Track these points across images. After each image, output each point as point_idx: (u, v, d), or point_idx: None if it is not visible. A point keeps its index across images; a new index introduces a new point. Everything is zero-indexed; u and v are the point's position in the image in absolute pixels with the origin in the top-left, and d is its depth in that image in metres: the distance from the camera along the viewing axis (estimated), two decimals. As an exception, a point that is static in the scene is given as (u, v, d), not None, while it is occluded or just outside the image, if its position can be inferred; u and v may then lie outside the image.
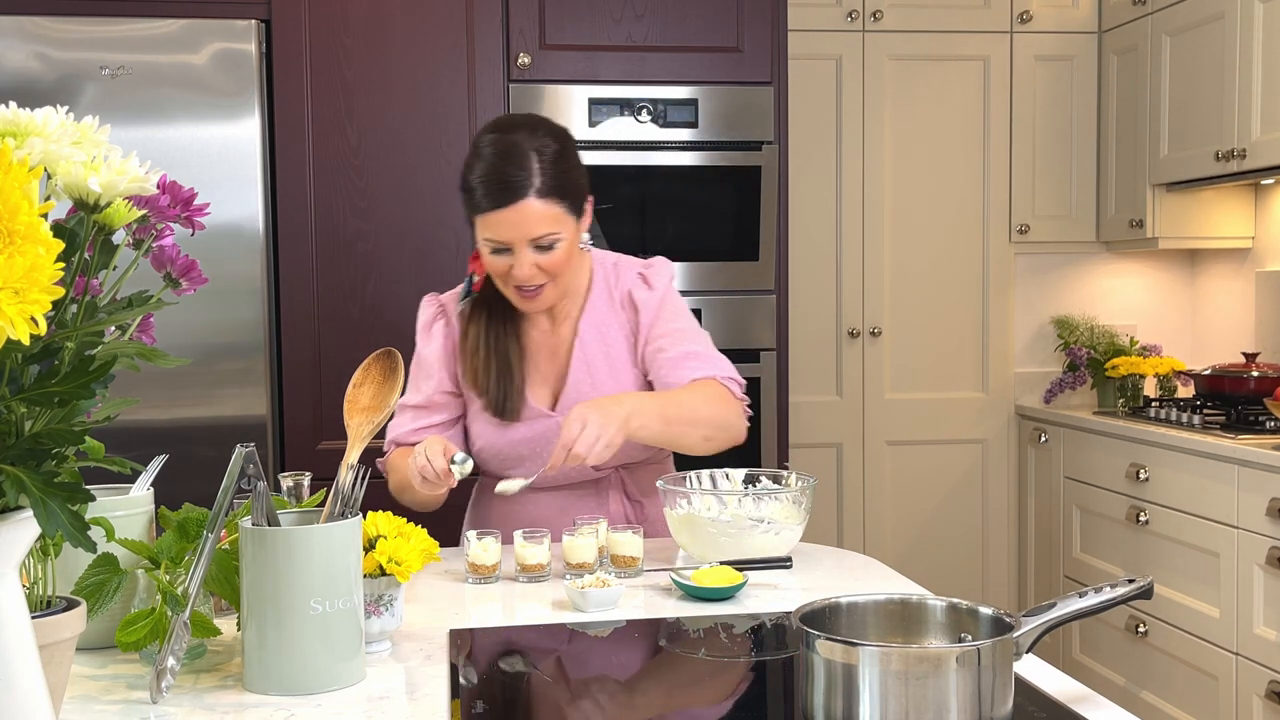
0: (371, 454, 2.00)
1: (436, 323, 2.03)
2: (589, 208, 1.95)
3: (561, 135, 1.92)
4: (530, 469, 1.93)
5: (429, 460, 1.77)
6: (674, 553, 1.89)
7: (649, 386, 2.00)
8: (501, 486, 1.80)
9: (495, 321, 1.98)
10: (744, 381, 2.00)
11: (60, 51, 2.87)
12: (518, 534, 1.75)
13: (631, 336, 2.01)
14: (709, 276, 3.20)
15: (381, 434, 1.77)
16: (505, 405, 1.96)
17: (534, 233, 1.84)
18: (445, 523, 2.12)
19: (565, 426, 1.75)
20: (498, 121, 1.94)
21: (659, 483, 1.85)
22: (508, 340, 1.98)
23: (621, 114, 3.13)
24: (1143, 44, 3.68)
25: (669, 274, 2.06)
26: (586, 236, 1.97)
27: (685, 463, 1.99)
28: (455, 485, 1.79)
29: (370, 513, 1.47)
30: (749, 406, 1.99)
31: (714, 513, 1.78)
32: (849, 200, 3.90)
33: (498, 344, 1.97)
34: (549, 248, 1.86)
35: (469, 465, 1.78)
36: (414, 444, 1.93)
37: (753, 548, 1.77)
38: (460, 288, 2.06)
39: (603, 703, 1.31)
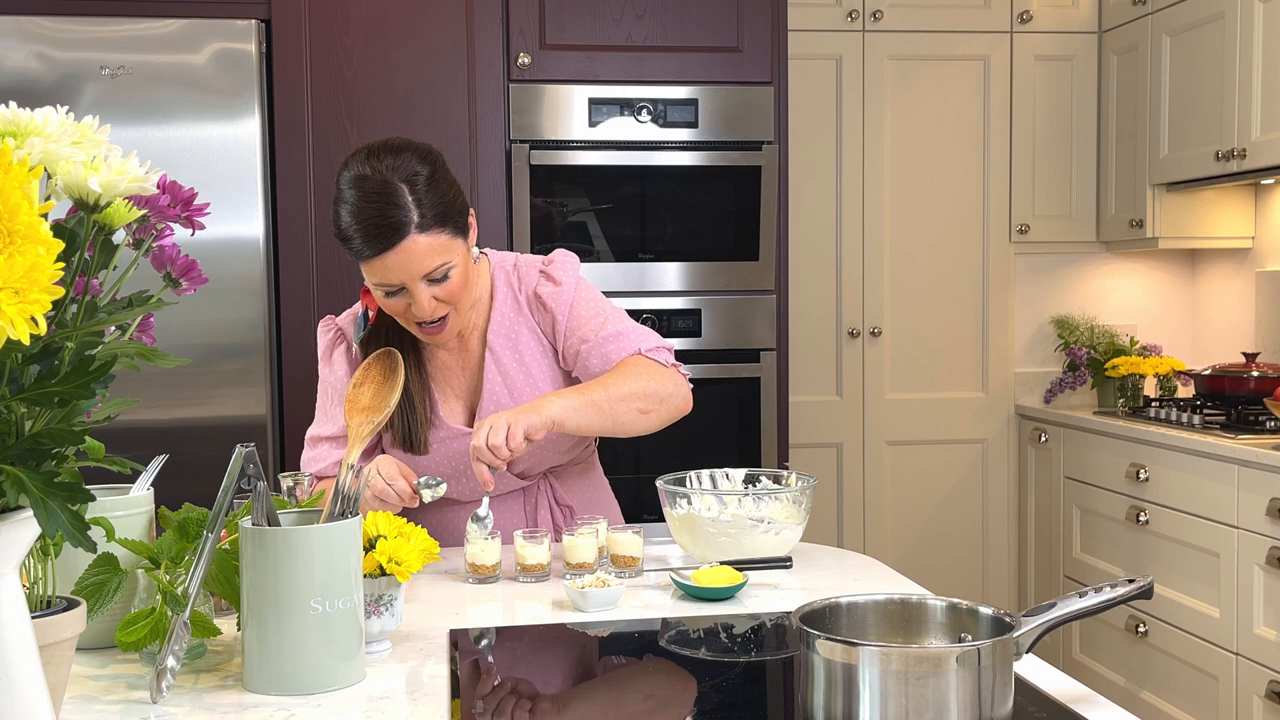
0: (371, 454, 1.99)
1: (337, 348, 1.95)
2: (473, 220, 1.86)
3: (428, 156, 1.79)
4: (461, 489, 1.91)
5: (388, 484, 1.73)
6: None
7: (574, 384, 1.96)
8: (426, 494, 1.76)
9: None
10: (672, 347, 1.97)
11: (60, 51, 2.87)
12: (518, 534, 1.75)
13: (546, 337, 1.95)
14: (709, 276, 3.20)
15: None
16: (412, 439, 1.89)
17: (424, 269, 1.74)
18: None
19: (474, 436, 1.73)
20: (357, 155, 1.77)
21: (659, 482, 1.85)
22: (408, 372, 1.89)
23: (621, 114, 3.13)
24: (1143, 44, 3.68)
25: (574, 265, 1.98)
26: (475, 250, 1.91)
27: (674, 464, 1.97)
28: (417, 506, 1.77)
29: (370, 513, 1.47)
30: (683, 370, 1.95)
31: (714, 513, 1.78)
32: (849, 200, 3.90)
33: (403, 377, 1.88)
34: (443, 278, 1.77)
35: (442, 488, 1.75)
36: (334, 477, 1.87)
37: (753, 548, 1.77)
38: (352, 316, 1.98)
39: (603, 703, 1.31)
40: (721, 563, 1.71)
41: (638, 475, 1.91)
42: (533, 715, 1.30)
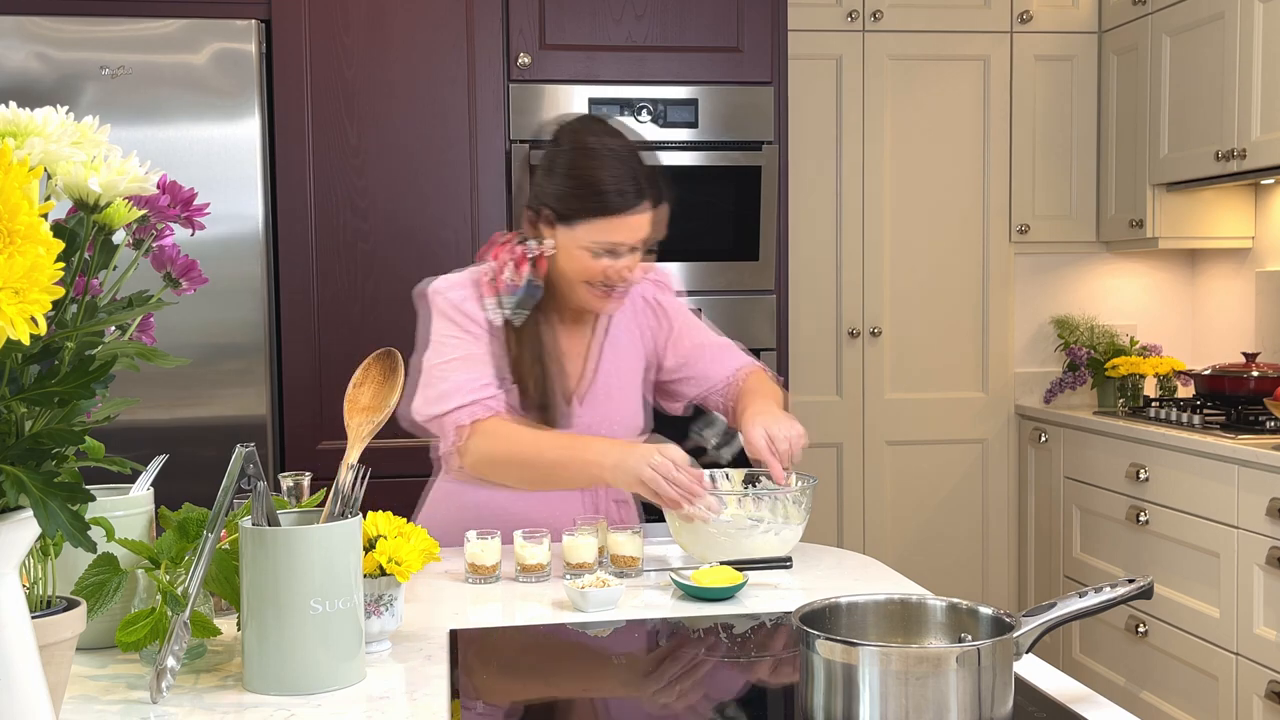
0: (371, 454, 1.99)
1: (469, 304, 1.97)
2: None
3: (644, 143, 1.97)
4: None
5: (669, 458, 1.74)
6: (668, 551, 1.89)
7: (652, 386, 2.09)
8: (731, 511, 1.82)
9: (538, 324, 1.97)
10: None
11: (60, 51, 2.87)
12: (518, 534, 1.75)
13: (649, 338, 2.08)
14: (709, 276, 3.20)
15: (381, 433, 1.77)
16: (548, 408, 1.95)
17: (648, 235, 1.91)
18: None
19: (754, 443, 1.85)
20: (595, 122, 1.95)
21: None
22: (545, 343, 1.97)
23: (621, 114, 3.13)
24: (1143, 44, 3.68)
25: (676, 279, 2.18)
26: None
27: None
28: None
29: (370, 513, 1.47)
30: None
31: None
32: (849, 200, 3.90)
33: (537, 352, 1.96)
34: (647, 251, 1.93)
35: (719, 428, 1.87)
36: (498, 405, 1.88)
37: (752, 548, 1.77)
38: (476, 276, 1.99)
39: (602, 703, 1.31)
40: (721, 563, 1.71)
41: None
42: (532, 716, 1.30)
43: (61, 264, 0.81)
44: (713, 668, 1.41)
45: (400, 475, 2.99)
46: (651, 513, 1.87)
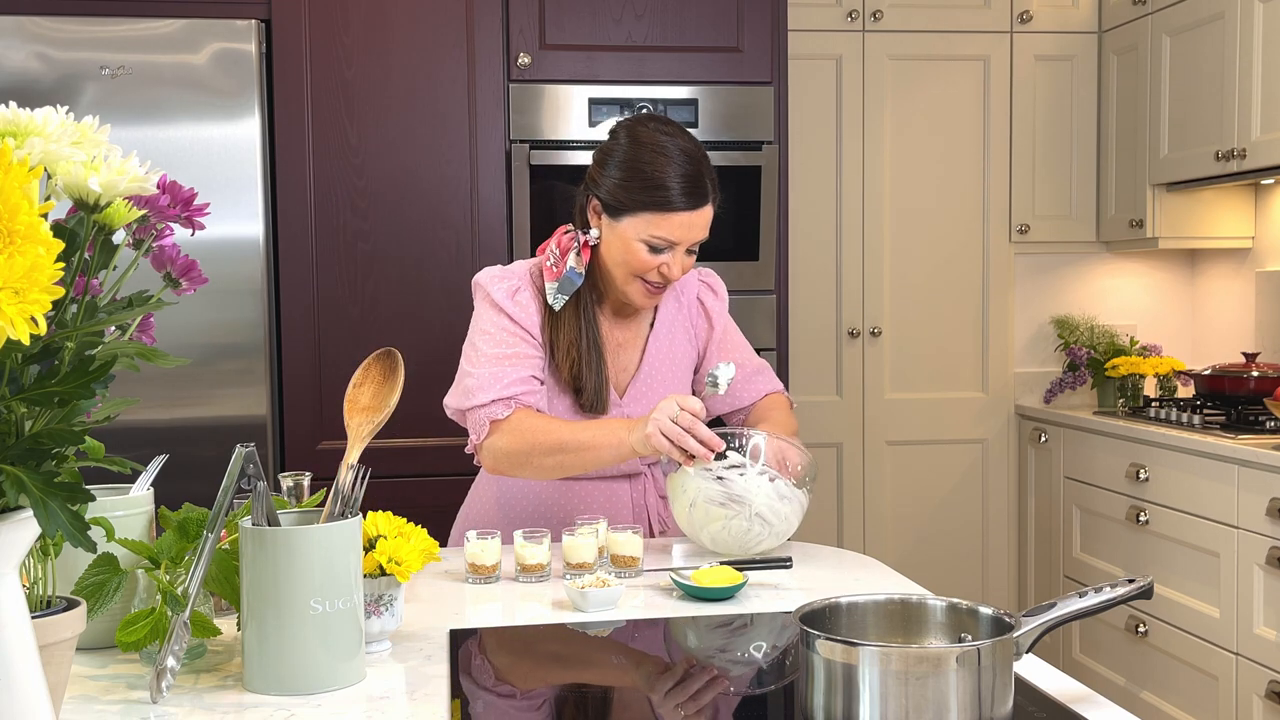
0: (372, 454, 2.00)
1: (523, 293, 1.98)
2: None
3: None
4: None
5: (685, 408, 1.75)
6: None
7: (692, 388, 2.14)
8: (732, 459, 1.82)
9: (588, 315, 1.98)
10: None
11: (60, 51, 2.87)
12: (518, 534, 1.75)
13: (694, 339, 2.12)
14: (709, 276, 3.20)
15: (381, 433, 1.77)
16: (598, 399, 1.97)
17: (701, 235, 1.93)
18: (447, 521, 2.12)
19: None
20: (666, 123, 1.95)
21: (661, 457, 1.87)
22: (598, 334, 1.99)
23: (621, 114, 3.13)
24: (1143, 44, 3.68)
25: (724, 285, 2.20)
26: None
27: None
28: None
29: (370, 513, 1.47)
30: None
31: (705, 475, 1.79)
32: (849, 200, 3.90)
33: (593, 338, 1.98)
34: (694, 251, 1.96)
35: (731, 368, 1.87)
36: (527, 400, 1.89)
37: (745, 489, 1.77)
38: (528, 268, 2.01)
39: (602, 703, 1.31)
40: (721, 563, 1.71)
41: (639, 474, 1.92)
42: (533, 716, 1.30)
43: (61, 264, 0.81)
44: (713, 668, 1.41)
45: (400, 475, 3.00)
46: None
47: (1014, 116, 3.94)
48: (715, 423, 2.07)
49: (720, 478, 1.78)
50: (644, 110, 3.12)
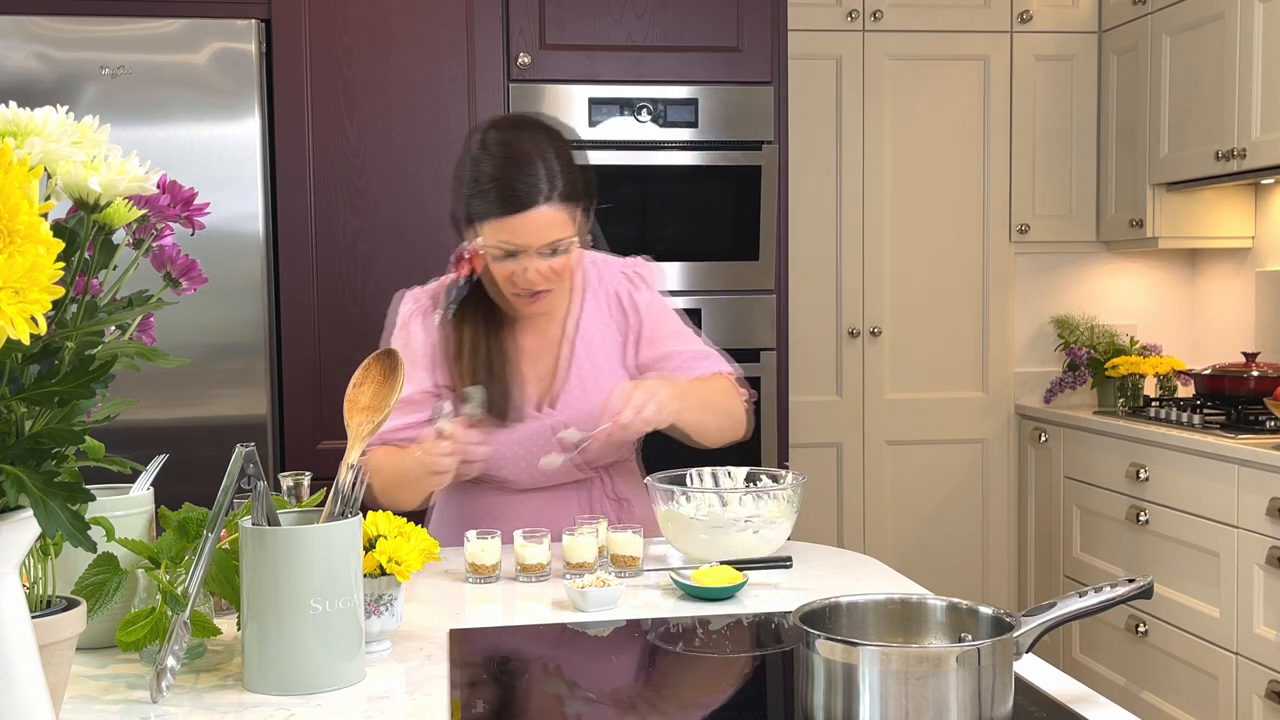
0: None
1: (415, 320, 1.98)
2: (590, 206, 1.94)
3: (565, 136, 1.91)
4: (553, 451, 1.91)
5: (435, 440, 1.74)
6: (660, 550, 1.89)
7: None
8: (546, 461, 1.81)
9: (485, 324, 1.94)
10: (742, 373, 2.05)
11: (60, 51, 2.87)
12: (518, 534, 1.75)
13: (621, 337, 2.02)
14: (709, 276, 3.20)
15: (381, 434, 1.77)
16: (504, 408, 1.93)
17: (548, 238, 1.83)
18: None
19: (611, 401, 1.77)
20: (503, 120, 1.92)
21: (648, 479, 1.86)
22: (500, 343, 1.95)
23: (621, 114, 3.13)
24: (1143, 44, 3.68)
25: (658, 274, 2.09)
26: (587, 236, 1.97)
27: (676, 463, 1.96)
28: (472, 438, 1.78)
29: (370, 513, 1.47)
30: (750, 401, 2.03)
31: (688, 510, 1.79)
32: (849, 200, 3.90)
33: (491, 347, 1.94)
34: (557, 252, 1.85)
35: (478, 395, 1.80)
36: (400, 441, 1.89)
37: (730, 545, 1.77)
38: (436, 287, 2.01)
39: (602, 703, 1.31)
40: (721, 563, 1.71)
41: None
42: (532, 716, 1.30)
43: (61, 264, 0.81)
44: (713, 668, 1.41)
45: (400, 475, 2.99)
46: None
47: (1014, 116, 3.94)
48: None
49: (703, 535, 1.78)
50: (642, 106, 3.12)
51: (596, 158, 3.11)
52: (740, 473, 1.94)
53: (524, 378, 1.98)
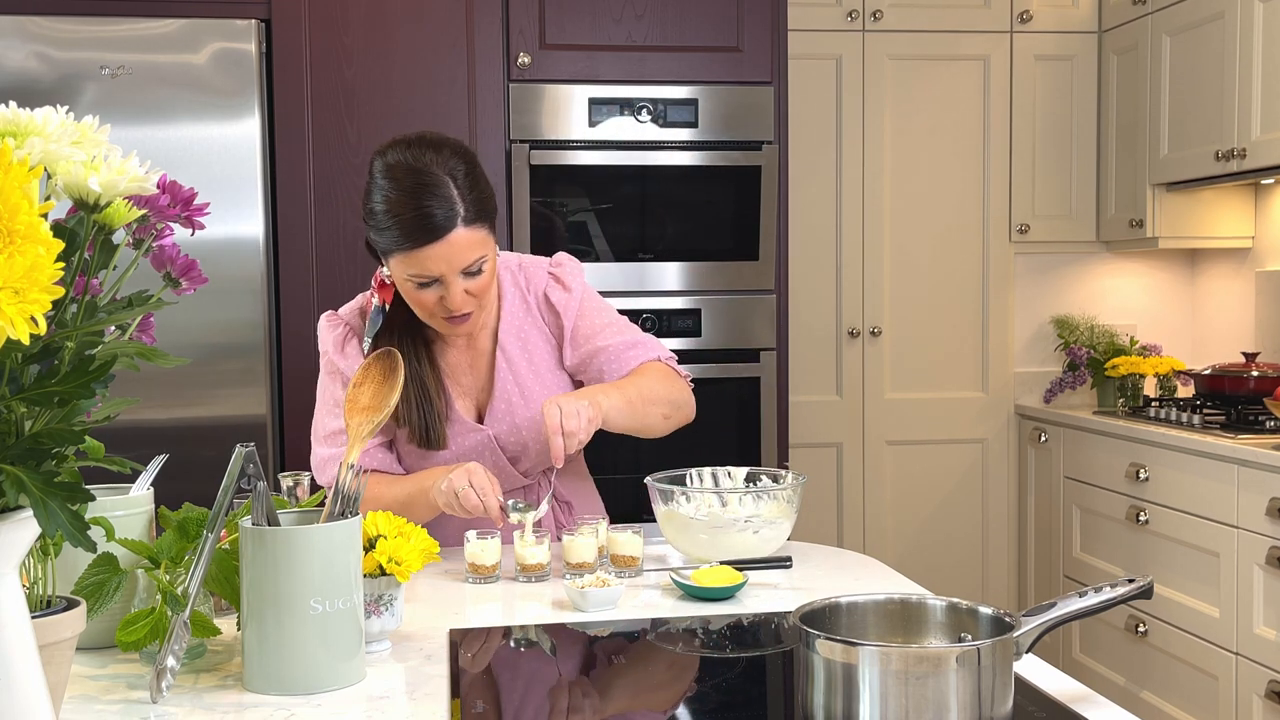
0: (373, 454, 1.99)
1: (350, 342, 1.94)
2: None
3: (465, 152, 1.83)
4: (526, 495, 1.91)
5: (480, 498, 1.72)
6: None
7: (577, 387, 2.00)
8: (515, 517, 1.77)
9: (406, 349, 1.88)
10: (675, 356, 2.05)
11: (60, 51, 2.87)
12: (517, 534, 1.75)
13: (553, 339, 1.99)
14: (709, 276, 3.20)
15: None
16: (429, 435, 1.89)
17: (465, 262, 1.77)
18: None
19: (546, 417, 1.73)
20: (397, 146, 1.79)
21: (648, 479, 1.85)
22: (423, 366, 1.91)
23: (621, 114, 3.13)
24: (1143, 44, 3.68)
25: (580, 270, 2.03)
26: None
27: (674, 463, 1.96)
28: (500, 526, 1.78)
29: (370, 513, 1.47)
30: (691, 381, 2.03)
31: (688, 511, 1.79)
32: (849, 200, 3.90)
33: (414, 373, 1.89)
34: (477, 272, 1.80)
35: (530, 515, 1.75)
36: (375, 468, 1.87)
37: (730, 545, 1.77)
38: (358, 306, 1.98)
39: (602, 703, 1.31)
40: (721, 562, 1.71)
41: (638, 474, 1.91)
42: (532, 716, 1.30)
43: (61, 264, 0.81)
44: (713, 668, 1.41)
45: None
46: (652, 513, 1.87)
47: (1014, 116, 3.94)
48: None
49: (703, 535, 1.78)
50: (642, 106, 3.12)
51: (596, 158, 3.12)
52: (740, 473, 1.95)
53: (456, 392, 1.95)
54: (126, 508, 1.44)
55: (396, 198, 1.74)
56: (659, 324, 3.14)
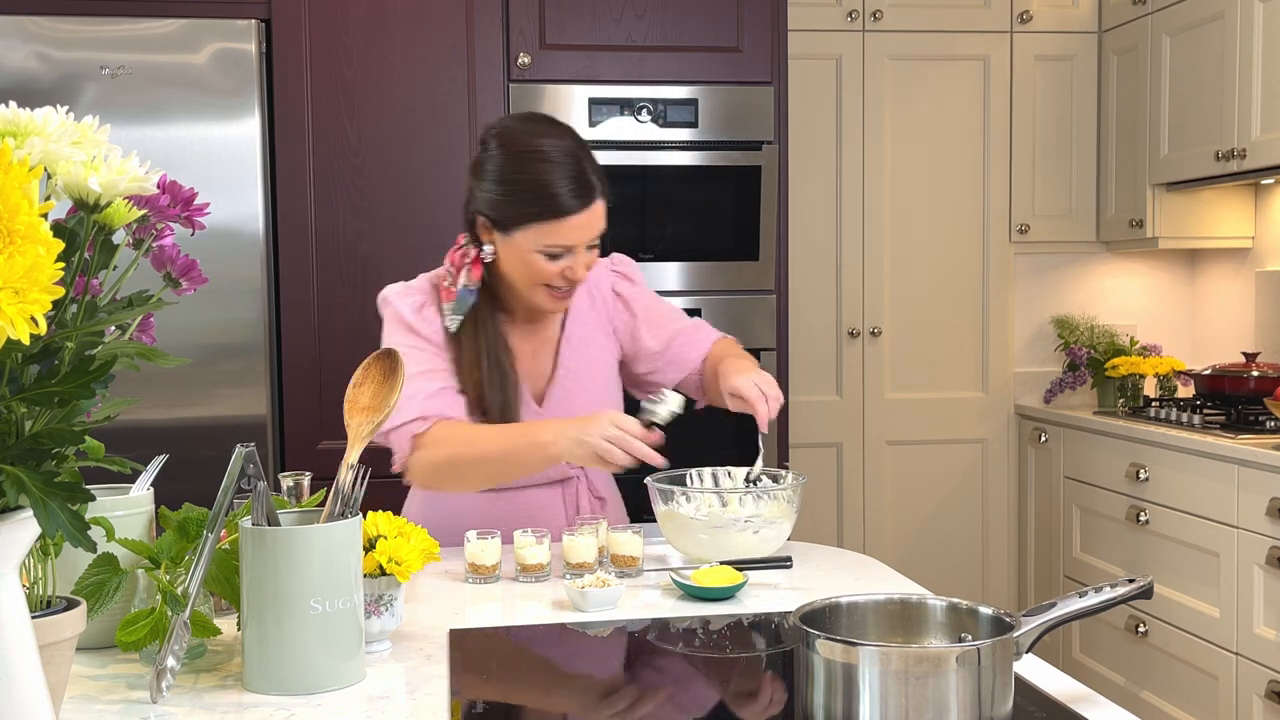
0: (371, 454, 1.99)
1: (428, 308, 1.95)
2: None
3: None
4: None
5: (623, 429, 1.72)
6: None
7: (624, 379, 2.08)
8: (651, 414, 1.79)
9: (487, 328, 1.93)
10: None
11: (60, 51, 2.87)
12: (518, 534, 1.75)
13: (612, 331, 2.05)
14: (709, 276, 3.20)
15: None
16: (505, 413, 1.92)
17: (597, 232, 1.87)
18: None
19: (743, 389, 1.83)
20: (539, 123, 1.89)
21: (648, 480, 1.86)
22: (500, 346, 1.94)
23: (621, 114, 3.13)
24: (1143, 44, 3.68)
25: (639, 268, 2.14)
26: None
27: (674, 463, 1.95)
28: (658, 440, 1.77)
29: (370, 513, 1.47)
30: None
31: (687, 511, 1.79)
32: (849, 200, 3.90)
33: (494, 352, 1.92)
34: (595, 245, 1.89)
35: (676, 400, 1.79)
36: (447, 412, 1.86)
37: (731, 545, 1.77)
38: (425, 284, 1.98)
39: (602, 703, 1.31)
40: (721, 563, 1.71)
41: (638, 474, 1.91)
42: (532, 716, 1.30)
43: (61, 264, 0.81)
44: (713, 668, 1.41)
45: (400, 475, 2.99)
46: (652, 513, 1.87)
47: (1014, 116, 3.94)
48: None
49: (703, 535, 1.78)
50: (642, 106, 3.12)
51: (596, 158, 3.11)
52: (740, 472, 1.94)
53: (520, 377, 1.98)
54: (126, 508, 1.44)
55: (562, 167, 1.82)
56: (659, 324, 3.14)
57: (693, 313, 3.19)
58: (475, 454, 1.84)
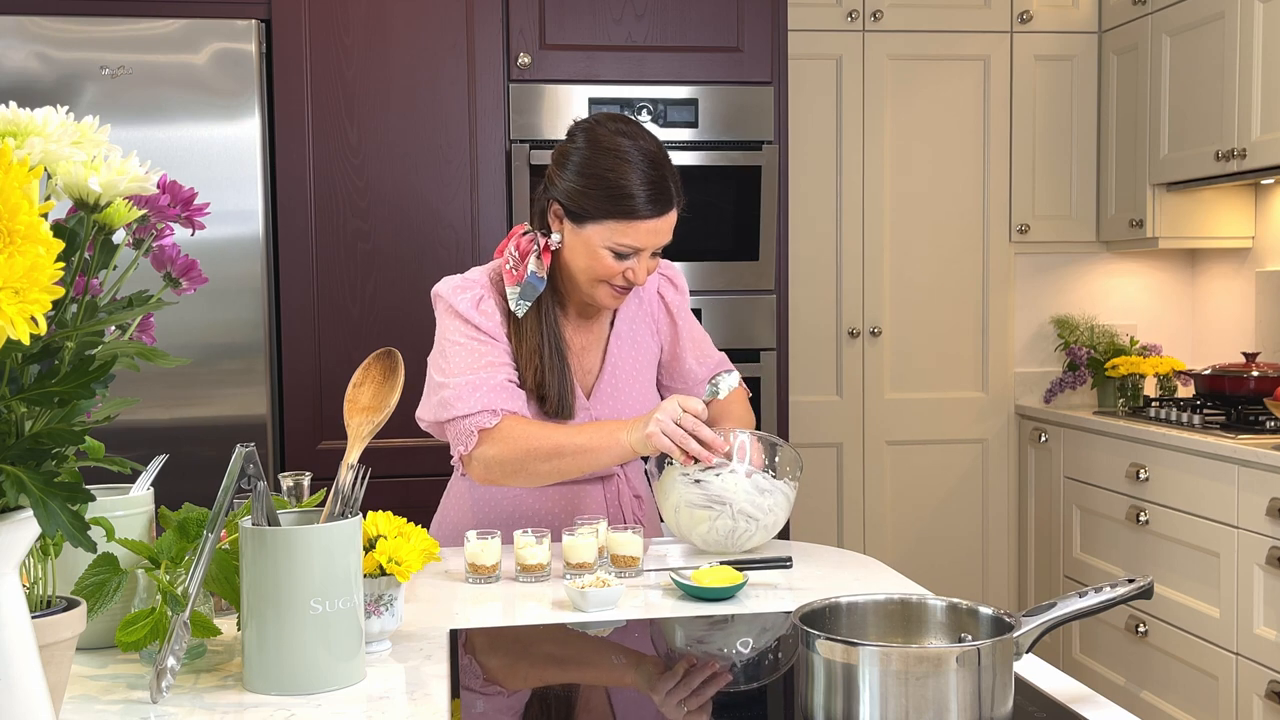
0: (371, 454, 1.99)
1: (486, 300, 1.95)
2: None
3: None
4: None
5: (687, 409, 1.76)
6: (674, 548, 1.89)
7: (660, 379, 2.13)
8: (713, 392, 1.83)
9: (549, 320, 1.95)
10: None
11: (60, 51, 2.87)
12: (518, 534, 1.75)
13: (657, 334, 2.10)
14: (709, 276, 3.20)
15: (381, 433, 1.77)
16: (562, 405, 1.94)
17: (666, 238, 1.89)
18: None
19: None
20: (628, 124, 1.90)
21: (647, 468, 1.88)
22: (560, 340, 1.96)
23: (622, 113, 3.13)
24: (1143, 44, 3.68)
25: (682, 274, 2.18)
26: None
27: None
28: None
29: (370, 513, 1.47)
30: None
31: (682, 470, 1.81)
32: (849, 200, 3.90)
33: (555, 344, 1.95)
34: (659, 251, 1.92)
35: (734, 377, 1.83)
36: (513, 407, 1.87)
37: (730, 489, 1.79)
38: (485, 277, 1.99)
39: (602, 703, 1.31)
40: (721, 562, 1.71)
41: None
42: (532, 716, 1.30)
43: (61, 264, 0.81)
44: (712, 668, 1.41)
45: (400, 475, 3.00)
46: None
47: (1014, 116, 3.94)
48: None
49: (698, 480, 1.80)
50: (642, 106, 3.12)
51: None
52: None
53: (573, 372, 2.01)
54: (126, 508, 1.44)
55: (643, 171, 1.84)
56: (659, 324, 3.14)
57: (693, 313, 3.20)
58: (547, 448, 1.85)
